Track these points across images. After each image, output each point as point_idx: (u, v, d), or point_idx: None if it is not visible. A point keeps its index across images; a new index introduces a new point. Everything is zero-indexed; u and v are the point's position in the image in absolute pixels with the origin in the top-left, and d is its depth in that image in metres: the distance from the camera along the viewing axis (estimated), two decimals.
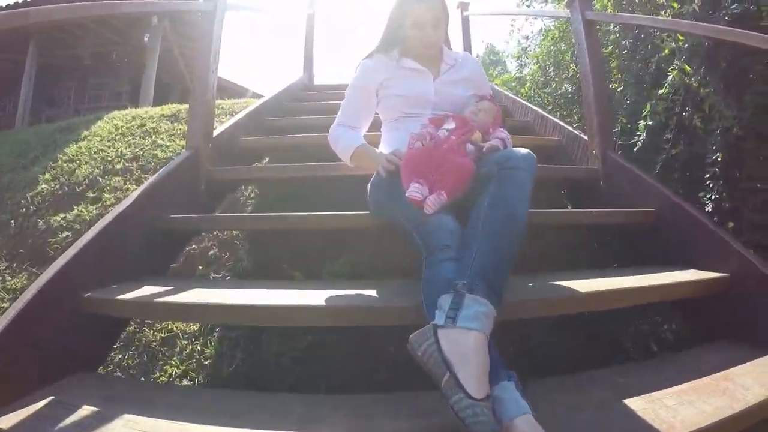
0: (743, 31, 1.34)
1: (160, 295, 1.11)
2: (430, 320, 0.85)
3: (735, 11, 1.75)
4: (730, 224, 1.82)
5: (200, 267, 1.83)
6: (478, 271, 0.88)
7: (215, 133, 1.86)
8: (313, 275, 1.65)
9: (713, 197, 1.74)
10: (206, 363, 1.48)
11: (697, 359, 1.12)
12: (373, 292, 1.14)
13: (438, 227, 1.00)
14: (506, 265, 0.93)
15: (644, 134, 1.81)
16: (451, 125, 1.17)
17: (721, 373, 1.01)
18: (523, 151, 1.07)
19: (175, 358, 1.50)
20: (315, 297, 1.06)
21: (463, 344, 0.78)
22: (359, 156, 1.35)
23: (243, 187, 2.25)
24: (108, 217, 1.28)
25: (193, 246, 1.93)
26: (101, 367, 1.44)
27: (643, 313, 1.61)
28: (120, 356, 1.53)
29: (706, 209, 1.75)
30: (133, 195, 1.38)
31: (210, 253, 1.88)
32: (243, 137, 2.15)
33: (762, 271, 1.25)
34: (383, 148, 1.42)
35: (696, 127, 1.85)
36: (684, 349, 1.23)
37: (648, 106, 1.79)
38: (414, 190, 1.04)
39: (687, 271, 1.40)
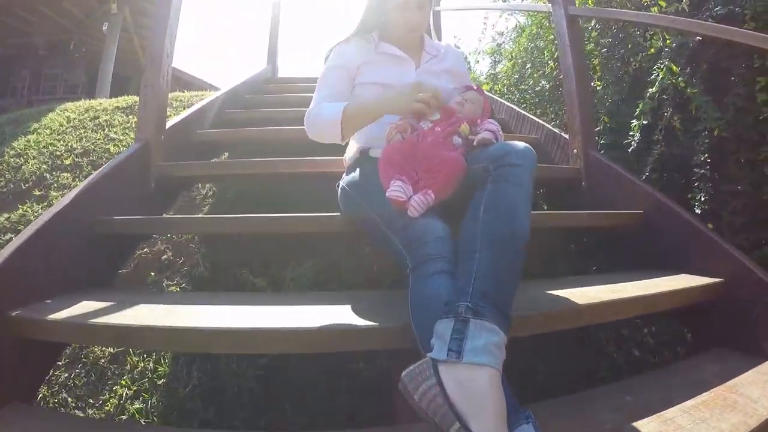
0: (745, 31, 1.27)
1: (98, 313, 0.93)
2: (422, 347, 0.72)
3: (720, 12, 1.72)
4: (709, 225, 1.80)
5: (152, 273, 1.64)
6: (483, 290, 0.74)
7: (169, 124, 1.67)
8: (277, 281, 1.52)
9: (702, 199, 1.69)
10: (160, 383, 1.32)
11: (698, 369, 1.09)
12: (347, 308, 0.98)
13: (425, 233, 0.86)
14: (513, 281, 0.80)
15: (638, 134, 1.74)
16: (435, 116, 1.04)
17: (726, 385, 0.97)
18: (521, 144, 0.93)
19: (125, 377, 1.34)
20: (279, 316, 0.91)
21: (474, 386, 0.64)
22: (353, 115, 1.10)
23: (200, 185, 2.07)
24: (41, 220, 1.09)
25: (145, 249, 1.74)
26: (46, 388, 1.30)
27: (631, 319, 1.54)
28: (66, 375, 1.36)
29: (695, 211, 1.70)
30: (72, 194, 1.19)
31: (163, 257, 1.69)
32: (200, 130, 1.96)
33: (759, 276, 1.21)
34: (354, 144, 1.27)
35: (678, 129, 1.80)
36: (683, 358, 1.23)
37: (641, 105, 1.72)
38: (396, 189, 0.90)
39: (681, 276, 1.36)
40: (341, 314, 0.94)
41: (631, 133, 1.78)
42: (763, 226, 1.73)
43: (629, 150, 1.79)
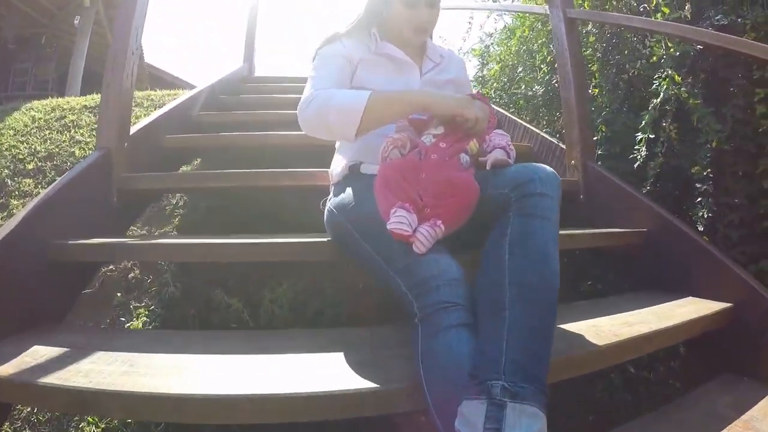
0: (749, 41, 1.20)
1: (49, 367, 0.75)
2: (436, 421, 0.61)
3: (721, 22, 1.66)
4: (705, 238, 1.75)
5: (119, 294, 1.49)
6: (518, 361, 0.62)
7: (134, 129, 1.50)
8: (255, 303, 1.40)
9: (704, 215, 1.62)
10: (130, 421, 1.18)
11: (711, 401, 1.04)
12: (339, 357, 0.82)
13: (436, 274, 0.70)
14: (549, 343, 0.67)
15: (644, 149, 1.66)
16: (438, 130, 0.90)
17: (742, 420, 0.93)
18: (545, 169, 0.80)
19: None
20: (261, 372, 0.76)
21: None
22: (381, 103, 0.90)
23: (170, 195, 1.92)
24: None
25: (111, 267, 1.59)
26: (8, 423, 1.20)
27: None
28: (29, 409, 1.24)
29: (696, 227, 1.63)
30: (21, 214, 0.99)
31: (130, 275, 1.55)
32: (168, 135, 1.78)
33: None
34: (341, 158, 1.11)
35: (675, 139, 1.74)
36: (693, 387, 1.13)
37: (646, 118, 1.64)
38: (399, 221, 0.74)
39: (688, 299, 1.29)
40: (333, 367, 0.78)
41: (636, 147, 1.70)
42: (759, 240, 1.68)
43: (635, 165, 1.71)
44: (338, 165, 1.09)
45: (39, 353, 0.79)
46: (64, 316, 1.11)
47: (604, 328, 0.97)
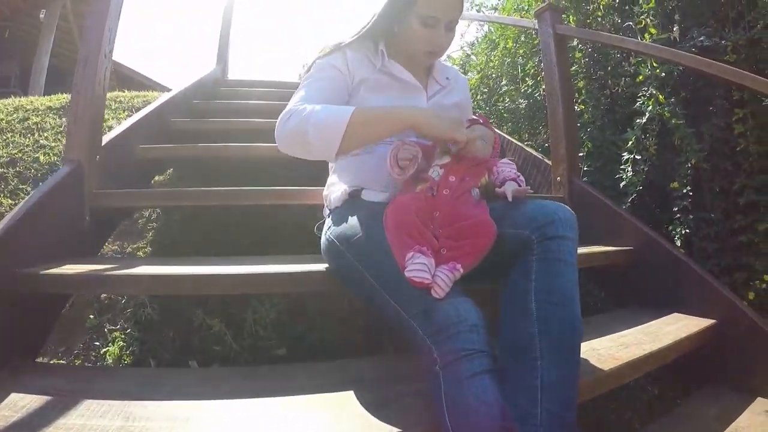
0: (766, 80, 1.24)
1: (27, 425, 0.66)
2: None
3: (705, 44, 1.70)
4: (681, 250, 1.80)
5: (91, 316, 1.39)
6: (553, 411, 0.63)
7: (106, 140, 1.40)
8: (237, 323, 1.34)
9: (683, 232, 1.66)
10: None
11: (700, 414, 1.10)
12: (350, 396, 0.77)
13: (456, 321, 0.66)
14: (577, 387, 0.68)
15: (629, 167, 1.68)
16: (443, 160, 0.85)
17: (729, 430, 1.00)
18: (564, 209, 0.78)
19: None
20: (268, 418, 0.70)
21: None
22: (366, 120, 0.84)
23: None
24: None
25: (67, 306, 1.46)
26: None
27: None
28: None
29: (676, 243, 1.67)
30: None
31: (103, 296, 1.45)
32: (141, 145, 1.68)
33: (751, 318, 1.22)
34: (338, 181, 1.03)
35: (654, 155, 1.77)
36: (680, 399, 1.23)
37: (632, 138, 1.67)
38: (419, 269, 0.69)
39: (674, 315, 1.34)
40: (348, 412, 0.73)
41: (622, 166, 1.73)
42: (733, 253, 1.74)
43: (621, 185, 1.74)
44: (336, 189, 1.02)
45: (18, 405, 0.70)
46: (38, 350, 1.02)
47: (603, 351, 0.98)
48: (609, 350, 0.99)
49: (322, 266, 0.97)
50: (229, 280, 0.90)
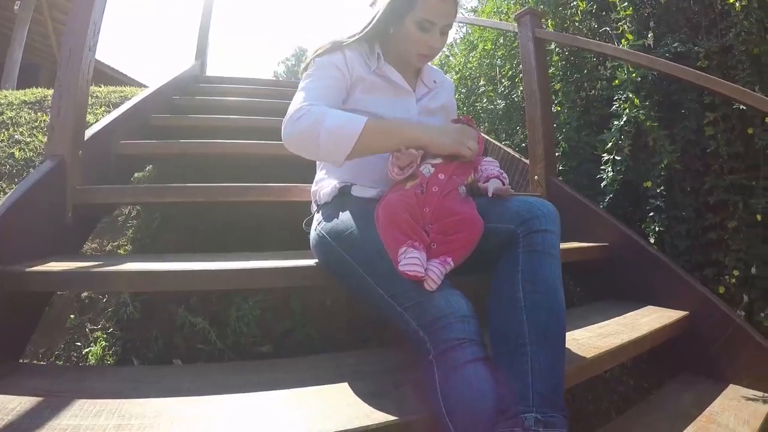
0: (735, 86, 1.30)
1: (20, 427, 0.64)
2: None
3: (678, 50, 1.77)
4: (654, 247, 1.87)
5: (72, 316, 1.36)
6: (545, 394, 0.67)
7: (87, 135, 1.37)
8: (220, 320, 1.33)
9: (657, 229, 1.73)
10: None
11: (675, 399, 1.16)
12: (344, 387, 0.78)
13: (448, 312, 0.70)
14: (564, 370, 0.73)
15: (609, 168, 1.74)
16: (435, 159, 0.89)
17: (704, 415, 1.05)
18: (546, 205, 0.82)
19: None
20: (266, 410, 0.71)
21: None
22: (377, 132, 0.87)
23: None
24: None
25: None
26: None
27: None
28: None
29: (650, 240, 1.74)
30: None
31: (83, 295, 1.41)
32: (122, 140, 1.66)
33: (723, 310, 1.29)
34: (327, 176, 1.06)
35: (629, 156, 1.84)
36: (657, 387, 1.28)
37: (611, 140, 1.73)
38: (411, 262, 0.72)
39: (648, 308, 1.40)
40: (345, 401, 0.75)
41: (602, 167, 1.79)
42: (704, 249, 1.82)
43: (602, 185, 1.80)
44: (326, 185, 1.04)
45: (7, 407, 0.68)
46: (22, 350, 0.99)
47: (584, 341, 1.03)
48: (589, 340, 1.04)
49: (311, 261, 0.98)
50: (216, 275, 0.90)
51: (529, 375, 0.68)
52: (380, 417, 0.68)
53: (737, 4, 1.69)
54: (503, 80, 2.68)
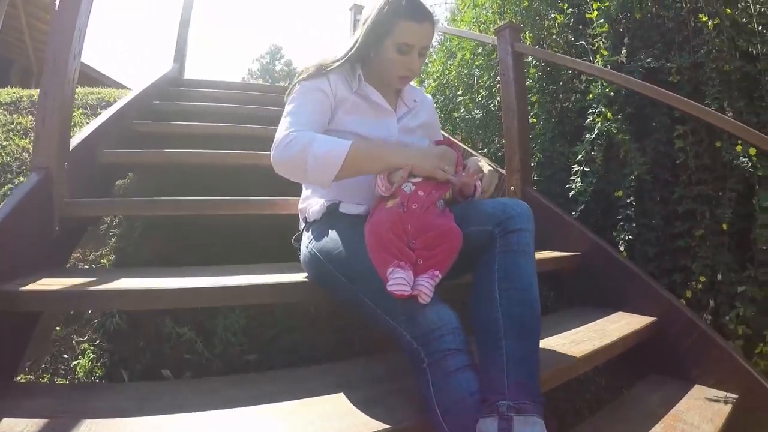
0: (724, 117, 1.38)
1: None
2: None
3: (651, 65, 1.85)
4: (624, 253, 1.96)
5: (57, 327, 1.35)
6: (518, 382, 0.74)
7: (73, 143, 1.37)
8: (207, 331, 1.35)
9: (627, 238, 1.81)
10: None
11: (644, 399, 1.23)
12: (341, 396, 0.83)
13: (439, 325, 0.77)
14: (538, 360, 0.79)
15: (578, 179, 1.82)
16: (416, 178, 0.94)
17: (671, 414, 1.12)
18: (520, 204, 0.89)
19: None
20: (267, 423, 0.76)
21: None
22: (361, 157, 0.93)
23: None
24: None
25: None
26: None
27: None
28: None
29: (620, 247, 1.82)
30: None
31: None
32: (105, 149, 1.64)
33: (688, 316, 1.37)
34: (313, 195, 1.10)
35: (600, 166, 1.92)
36: (627, 387, 1.35)
37: (582, 152, 1.80)
38: (398, 283, 0.77)
39: (618, 314, 1.47)
40: (341, 410, 0.80)
41: (572, 177, 1.86)
42: (672, 255, 1.91)
43: (570, 194, 1.87)
44: (314, 203, 1.08)
45: (14, 430, 0.68)
46: (16, 369, 0.99)
47: (558, 348, 1.09)
48: (563, 347, 1.10)
49: (300, 276, 1.03)
50: (200, 293, 0.93)
51: (504, 366, 0.75)
52: (377, 425, 0.74)
53: (710, 23, 1.77)
54: (481, 90, 2.74)
